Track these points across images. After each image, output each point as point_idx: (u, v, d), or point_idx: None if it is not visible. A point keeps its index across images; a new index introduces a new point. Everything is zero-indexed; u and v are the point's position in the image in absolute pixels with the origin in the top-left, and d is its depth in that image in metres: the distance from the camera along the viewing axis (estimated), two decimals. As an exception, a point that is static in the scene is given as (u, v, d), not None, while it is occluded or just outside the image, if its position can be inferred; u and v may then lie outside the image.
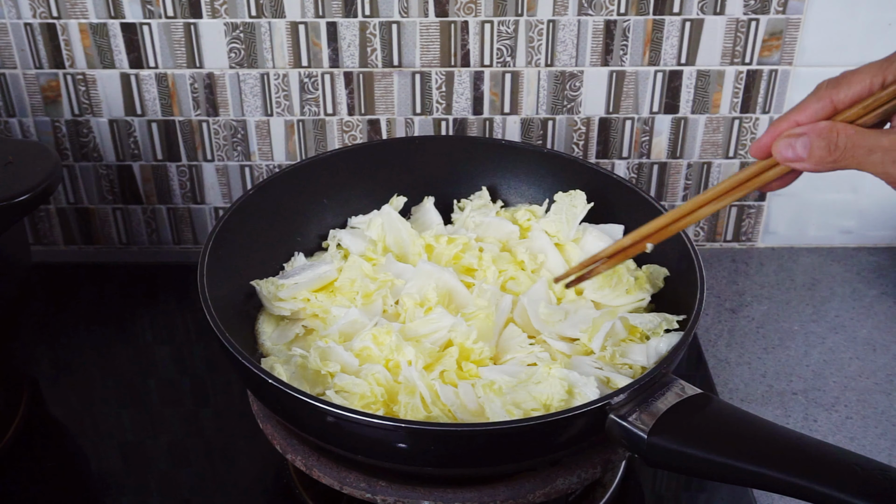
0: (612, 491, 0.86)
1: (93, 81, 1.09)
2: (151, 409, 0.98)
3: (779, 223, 1.20)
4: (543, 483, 0.75)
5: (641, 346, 0.82)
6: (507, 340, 0.84)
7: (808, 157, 0.64)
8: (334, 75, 1.09)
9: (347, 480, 0.76)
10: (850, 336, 1.07)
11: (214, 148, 1.14)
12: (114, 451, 0.93)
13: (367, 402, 0.76)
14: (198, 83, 1.09)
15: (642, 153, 1.15)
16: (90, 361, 1.05)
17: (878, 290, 1.14)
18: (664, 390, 0.71)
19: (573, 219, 0.95)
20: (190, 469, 0.91)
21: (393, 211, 0.97)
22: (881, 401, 0.98)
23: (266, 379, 0.72)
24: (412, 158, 1.02)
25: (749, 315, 1.11)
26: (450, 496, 0.74)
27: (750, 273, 1.18)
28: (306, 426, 0.75)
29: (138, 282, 1.17)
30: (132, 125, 1.12)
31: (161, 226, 1.20)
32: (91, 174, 1.16)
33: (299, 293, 0.89)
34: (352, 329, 0.84)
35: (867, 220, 1.20)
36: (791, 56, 1.08)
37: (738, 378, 1.01)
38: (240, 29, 1.06)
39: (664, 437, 0.68)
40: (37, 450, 0.92)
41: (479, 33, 1.06)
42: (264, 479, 0.90)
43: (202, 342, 1.07)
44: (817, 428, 0.95)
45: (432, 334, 0.83)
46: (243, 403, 0.87)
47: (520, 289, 0.90)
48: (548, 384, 0.76)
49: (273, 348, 0.87)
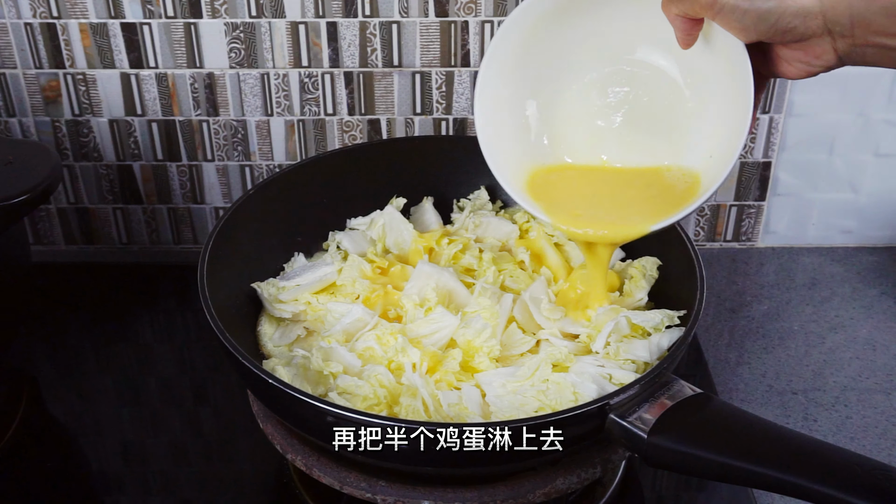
0: (612, 491, 0.86)
1: (93, 81, 1.09)
2: (151, 408, 0.98)
3: (779, 223, 1.20)
4: (543, 483, 0.75)
5: (643, 342, 0.82)
6: (510, 339, 0.84)
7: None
8: (334, 75, 1.09)
9: (347, 480, 0.76)
10: (850, 336, 1.07)
11: (214, 148, 1.14)
12: (114, 450, 0.93)
13: (370, 404, 0.76)
14: (198, 83, 1.09)
15: (642, 153, 1.15)
16: (90, 361, 1.05)
17: (878, 290, 1.14)
18: (664, 390, 0.71)
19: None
20: (190, 469, 0.91)
21: (395, 211, 0.97)
22: (881, 401, 0.98)
23: (267, 380, 0.72)
24: (412, 158, 1.02)
25: (749, 315, 1.11)
26: (450, 496, 0.74)
27: (750, 273, 1.18)
28: (308, 426, 0.75)
29: (138, 282, 1.17)
30: (132, 125, 1.12)
31: (161, 226, 1.20)
32: (91, 174, 1.16)
33: (300, 295, 0.89)
34: (355, 328, 0.84)
35: (867, 220, 1.20)
36: (791, 56, 1.08)
37: (738, 378, 1.01)
38: (240, 29, 1.06)
39: (664, 437, 0.68)
40: (37, 449, 0.92)
41: (479, 33, 1.06)
42: (264, 478, 0.90)
43: (202, 342, 1.07)
44: (817, 428, 0.95)
45: (433, 334, 0.83)
46: (243, 403, 0.87)
47: (519, 287, 0.90)
48: (556, 393, 0.76)
49: (275, 350, 0.87)
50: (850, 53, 0.64)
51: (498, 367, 0.81)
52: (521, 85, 0.82)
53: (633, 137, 0.82)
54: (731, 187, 1.17)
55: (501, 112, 0.82)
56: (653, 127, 0.81)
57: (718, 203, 1.19)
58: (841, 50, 0.64)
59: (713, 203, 1.18)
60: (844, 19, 0.62)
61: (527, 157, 0.83)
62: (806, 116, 1.12)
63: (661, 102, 0.80)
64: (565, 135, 0.84)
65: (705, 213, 1.19)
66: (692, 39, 0.69)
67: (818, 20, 0.63)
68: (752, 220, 1.20)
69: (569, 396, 0.76)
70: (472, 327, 0.82)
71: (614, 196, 0.81)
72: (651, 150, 0.81)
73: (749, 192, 1.18)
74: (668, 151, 0.81)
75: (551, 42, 0.80)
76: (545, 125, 0.84)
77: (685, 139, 0.80)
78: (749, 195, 1.18)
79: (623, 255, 0.95)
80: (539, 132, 0.84)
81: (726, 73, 0.72)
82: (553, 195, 0.81)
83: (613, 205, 0.81)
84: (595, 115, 0.83)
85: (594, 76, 0.82)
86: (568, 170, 0.84)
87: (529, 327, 0.86)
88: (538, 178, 0.83)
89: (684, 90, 0.79)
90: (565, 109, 0.84)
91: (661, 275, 0.90)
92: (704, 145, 0.78)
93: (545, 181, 0.83)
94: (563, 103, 0.83)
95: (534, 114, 0.83)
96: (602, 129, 0.83)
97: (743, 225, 1.20)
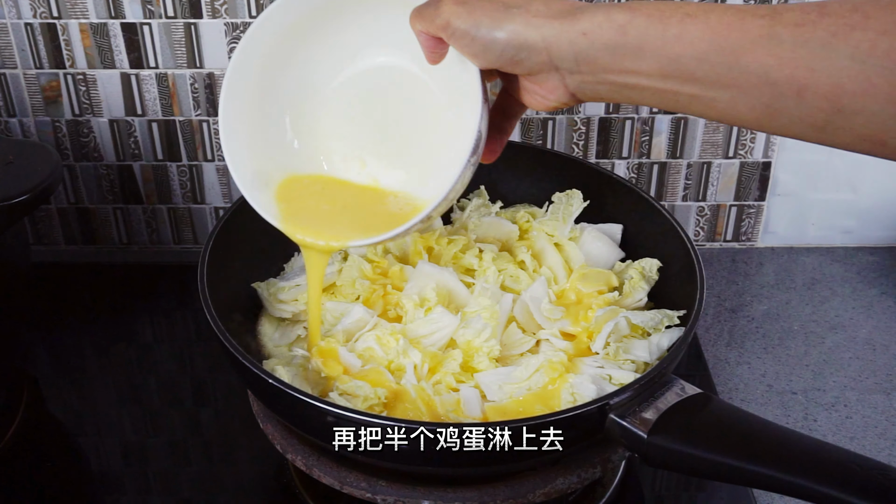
0: (612, 491, 0.86)
1: (93, 81, 1.09)
2: (151, 408, 0.98)
3: (779, 223, 1.20)
4: (543, 483, 0.75)
5: (643, 342, 0.82)
6: (510, 339, 0.84)
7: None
8: (334, 75, 1.09)
9: (347, 480, 0.76)
10: (850, 336, 1.07)
11: (215, 148, 1.14)
12: (114, 450, 0.93)
13: (370, 405, 0.76)
14: (198, 83, 1.09)
15: (642, 153, 1.15)
16: (90, 361, 1.05)
17: (878, 290, 1.14)
18: (664, 390, 0.71)
19: (569, 217, 0.95)
20: (190, 469, 0.91)
21: (394, 211, 0.97)
22: (881, 401, 0.98)
23: (267, 380, 0.72)
24: (412, 158, 1.02)
25: (749, 315, 1.11)
26: (450, 496, 0.74)
27: (750, 273, 1.18)
28: (308, 426, 0.75)
29: (138, 282, 1.17)
30: (132, 125, 1.12)
31: (161, 226, 1.20)
32: (91, 174, 1.16)
33: (300, 296, 0.89)
34: (355, 328, 0.84)
35: (867, 220, 1.20)
36: (791, 56, 1.08)
37: (738, 378, 1.01)
38: (240, 29, 1.06)
39: (664, 437, 0.68)
40: (37, 449, 0.92)
41: (479, 33, 1.06)
42: (264, 478, 0.90)
43: (202, 342, 1.07)
44: (817, 428, 0.95)
45: (432, 334, 0.83)
46: (243, 403, 0.87)
47: (519, 287, 0.90)
48: (557, 396, 0.76)
49: (275, 350, 0.87)
50: (584, 89, 0.64)
51: (497, 367, 0.81)
52: (269, 99, 0.79)
53: (384, 149, 0.81)
54: (731, 187, 1.17)
55: (251, 120, 0.78)
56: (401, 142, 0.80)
57: (718, 203, 1.19)
58: (572, 86, 0.64)
59: (713, 203, 1.19)
60: (569, 56, 0.61)
61: (278, 163, 0.81)
62: (806, 116, 1.12)
63: (411, 107, 0.79)
64: (317, 145, 0.82)
65: (705, 213, 1.19)
66: (438, 57, 0.69)
67: (543, 55, 0.62)
68: (752, 220, 1.20)
69: (567, 397, 0.76)
70: (472, 327, 0.82)
71: (345, 209, 0.80)
72: (393, 166, 0.81)
73: (749, 192, 1.18)
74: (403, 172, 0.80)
75: (296, 53, 0.78)
76: (299, 135, 0.82)
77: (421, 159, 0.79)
78: (749, 195, 1.18)
79: (623, 255, 0.95)
80: (291, 141, 0.82)
81: (468, 95, 0.69)
82: (295, 203, 0.80)
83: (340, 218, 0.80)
84: (350, 124, 0.81)
85: (343, 83, 0.80)
86: (313, 181, 0.82)
87: (529, 327, 0.86)
88: (287, 185, 0.80)
89: (435, 95, 0.77)
90: (318, 120, 0.81)
91: (661, 275, 0.90)
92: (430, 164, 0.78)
93: (292, 189, 0.80)
94: (315, 114, 0.81)
95: (286, 124, 0.81)
96: (356, 139, 0.82)
97: (743, 225, 1.20)
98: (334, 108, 0.81)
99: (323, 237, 0.77)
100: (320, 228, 0.77)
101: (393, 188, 0.80)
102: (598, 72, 0.61)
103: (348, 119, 0.81)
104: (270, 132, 0.80)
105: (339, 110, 0.81)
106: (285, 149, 0.81)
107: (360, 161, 0.82)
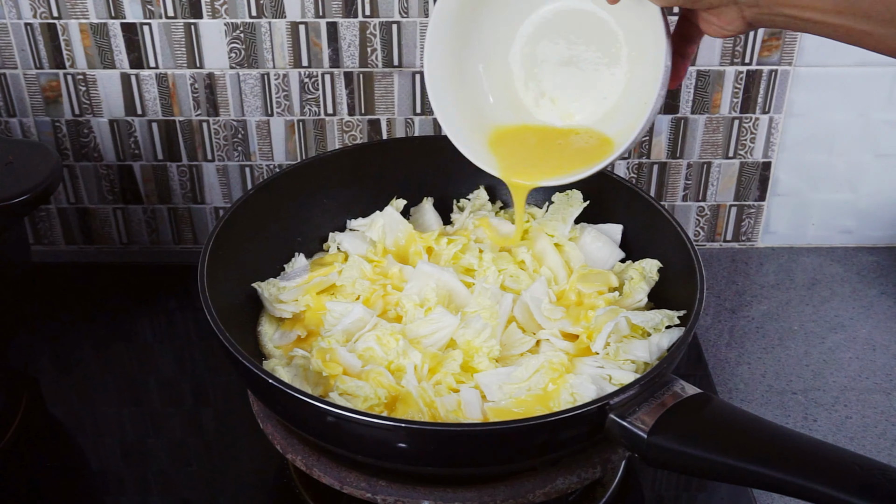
0: (612, 491, 0.86)
1: (93, 81, 1.09)
2: (152, 408, 0.98)
3: (779, 223, 1.20)
4: (543, 483, 0.75)
5: (643, 342, 0.82)
6: (510, 339, 0.85)
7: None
8: (334, 75, 1.09)
9: (347, 480, 0.76)
10: (850, 336, 1.07)
11: (215, 148, 1.14)
12: (114, 450, 0.93)
13: (370, 405, 0.76)
14: (198, 83, 1.09)
15: (642, 153, 1.15)
16: (90, 361, 1.05)
17: (878, 290, 1.14)
18: (664, 390, 0.71)
19: (568, 217, 0.95)
20: (190, 469, 0.91)
21: (395, 212, 0.97)
22: (881, 401, 0.98)
23: (268, 380, 0.72)
24: (412, 158, 1.02)
25: (749, 315, 1.11)
26: (450, 496, 0.74)
27: (750, 273, 1.18)
28: (308, 427, 0.75)
29: (138, 282, 1.17)
30: (132, 125, 1.12)
31: (161, 226, 1.20)
32: (91, 174, 1.16)
33: (301, 296, 0.89)
34: (355, 328, 0.84)
35: (867, 220, 1.20)
36: (791, 56, 1.08)
37: (738, 378, 1.01)
38: (240, 29, 1.06)
39: (664, 437, 0.68)
40: (37, 449, 0.92)
41: (479, 33, 1.06)
42: (264, 478, 0.90)
43: (202, 342, 1.07)
44: (817, 428, 0.95)
45: (432, 334, 0.83)
46: (243, 403, 0.87)
47: (519, 287, 0.90)
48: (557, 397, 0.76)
49: (275, 350, 0.87)
50: (760, 20, 0.67)
51: (497, 368, 0.81)
52: (465, 50, 0.86)
53: (571, 91, 0.87)
54: (731, 187, 1.17)
55: (453, 77, 0.86)
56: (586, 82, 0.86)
57: (718, 203, 1.19)
58: (749, 17, 0.67)
59: (713, 203, 1.19)
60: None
61: (484, 118, 0.88)
62: (806, 116, 1.12)
63: (597, 52, 0.84)
64: (511, 92, 0.88)
65: (705, 213, 1.19)
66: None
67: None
68: (752, 220, 1.20)
69: (567, 398, 0.76)
70: (472, 327, 0.82)
71: (549, 151, 0.87)
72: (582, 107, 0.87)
73: (749, 192, 1.18)
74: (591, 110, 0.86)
75: (484, 4, 0.84)
76: (493, 84, 0.88)
77: (607, 97, 0.85)
78: (749, 195, 1.18)
79: (623, 255, 0.95)
80: (486, 93, 0.88)
81: (650, 32, 0.75)
82: (506, 152, 0.88)
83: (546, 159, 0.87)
84: (537, 70, 0.87)
85: (528, 28, 0.86)
86: (516, 129, 0.89)
87: (529, 327, 0.86)
88: (496, 137, 0.89)
89: (620, 40, 0.82)
90: (508, 66, 0.88)
91: (661, 275, 0.90)
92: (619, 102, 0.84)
93: (501, 140, 0.89)
94: (505, 60, 0.87)
95: (482, 75, 0.88)
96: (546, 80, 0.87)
97: (743, 225, 1.20)
98: (523, 53, 0.87)
99: (533, 179, 0.86)
100: (531, 172, 0.86)
101: (581, 125, 0.86)
102: (775, 5, 0.65)
103: (537, 63, 0.87)
104: (469, 88, 0.88)
105: (528, 54, 0.86)
106: (484, 103, 0.88)
107: (552, 100, 0.87)
